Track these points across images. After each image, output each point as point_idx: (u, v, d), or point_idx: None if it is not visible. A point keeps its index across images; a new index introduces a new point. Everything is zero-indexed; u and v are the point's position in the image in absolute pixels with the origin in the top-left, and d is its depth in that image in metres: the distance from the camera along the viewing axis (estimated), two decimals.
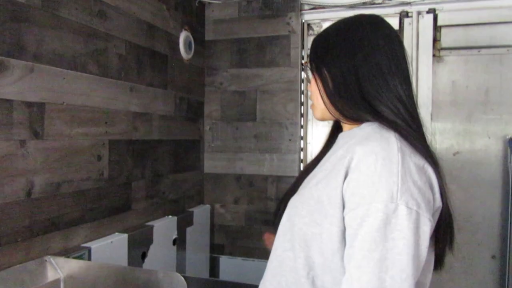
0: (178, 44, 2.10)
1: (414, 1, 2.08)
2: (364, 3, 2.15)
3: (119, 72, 1.66)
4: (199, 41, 2.32)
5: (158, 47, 1.93)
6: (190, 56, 2.20)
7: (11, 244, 1.22)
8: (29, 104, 1.27)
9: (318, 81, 0.92)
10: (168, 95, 2.03)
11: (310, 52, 0.95)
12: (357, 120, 0.90)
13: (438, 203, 0.81)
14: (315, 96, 0.95)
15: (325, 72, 0.90)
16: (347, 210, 0.78)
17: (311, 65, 0.94)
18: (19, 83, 1.23)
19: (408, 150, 0.79)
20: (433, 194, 0.80)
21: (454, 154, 2.06)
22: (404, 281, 0.71)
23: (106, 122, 1.60)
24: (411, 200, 0.74)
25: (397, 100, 0.85)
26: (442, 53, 2.07)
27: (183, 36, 2.13)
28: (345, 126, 0.97)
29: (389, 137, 0.81)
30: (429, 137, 0.89)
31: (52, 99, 1.35)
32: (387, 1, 2.13)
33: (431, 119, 2.08)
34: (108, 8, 1.59)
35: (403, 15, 2.11)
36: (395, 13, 2.12)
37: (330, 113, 0.93)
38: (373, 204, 0.74)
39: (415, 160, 0.79)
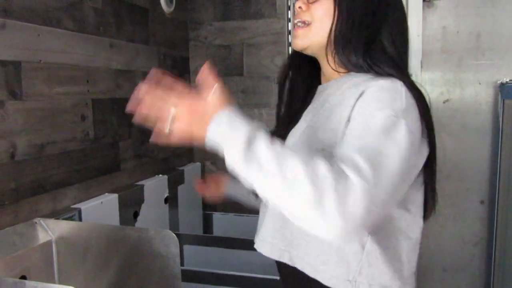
0: None
1: None
2: None
3: (96, 27, 1.59)
4: None
5: (137, 0, 1.84)
6: (171, 9, 2.10)
7: None
8: (4, 63, 1.21)
9: (336, 6, 0.85)
10: (151, 51, 1.96)
11: None
12: (351, 66, 0.86)
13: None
14: (320, 16, 0.87)
15: (344, 1, 0.85)
16: (352, 116, 0.78)
17: None
18: None
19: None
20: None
21: (444, 102, 2.04)
22: (390, 177, 0.69)
23: (87, 81, 1.54)
24: (411, 123, 0.75)
25: (404, 48, 0.90)
26: None
27: None
28: (326, 76, 0.93)
29: (392, 77, 0.82)
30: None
31: (28, 57, 1.29)
32: None
33: (421, 67, 2.04)
34: None
35: None
36: None
37: (328, 47, 0.87)
38: (378, 112, 0.75)
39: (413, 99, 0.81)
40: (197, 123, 0.70)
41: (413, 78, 0.89)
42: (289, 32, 2.21)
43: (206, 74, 0.73)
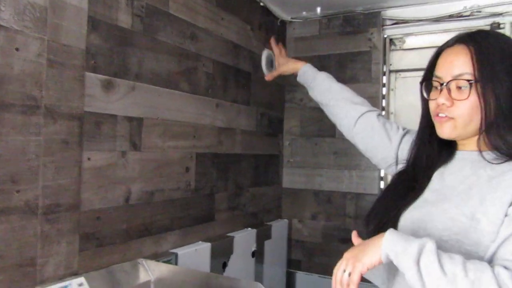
0: (260, 62, 2.18)
1: (507, 12, 1.97)
2: (450, 16, 2.08)
3: (206, 89, 1.77)
4: None
5: (242, 65, 2.03)
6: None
7: (111, 245, 1.35)
8: (130, 119, 1.40)
9: (481, 100, 0.87)
10: (251, 111, 2.11)
11: (475, 67, 0.88)
12: (509, 150, 0.88)
13: None
14: (467, 112, 0.89)
15: (490, 91, 0.87)
16: None
17: (475, 81, 0.88)
18: (123, 100, 1.37)
19: None
20: None
21: None
22: None
23: (194, 136, 1.71)
24: None
25: None
26: None
27: (265, 54, 2.20)
28: (464, 145, 0.95)
29: None
30: None
31: (149, 114, 1.48)
32: (476, 13, 2.04)
33: None
34: (199, 30, 1.71)
35: (494, 27, 2.00)
36: (486, 25, 2.02)
37: (486, 137, 0.90)
38: None
39: None
40: (361, 247, 0.86)
41: None
42: (383, 97, 2.25)
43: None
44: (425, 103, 1.00)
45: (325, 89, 1.37)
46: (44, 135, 1.13)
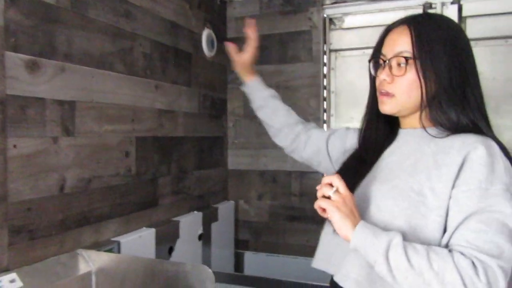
0: (200, 42, 2.13)
1: None
2: None
3: (144, 70, 1.70)
4: (221, 38, 2.34)
5: (182, 45, 1.96)
6: (212, 53, 2.22)
7: (46, 237, 1.27)
8: (61, 102, 1.31)
9: (420, 76, 0.91)
10: (192, 92, 2.06)
11: (414, 45, 0.92)
12: (449, 124, 0.92)
13: None
14: (405, 89, 0.93)
15: (429, 68, 0.91)
16: (460, 189, 0.84)
17: (413, 58, 0.92)
18: (51, 82, 1.27)
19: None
20: None
21: None
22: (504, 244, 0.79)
23: (133, 120, 1.64)
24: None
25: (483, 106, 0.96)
26: None
27: (205, 34, 2.15)
28: (407, 123, 0.99)
29: (486, 136, 0.90)
30: None
31: (82, 97, 1.40)
32: None
33: None
34: (134, 8, 1.63)
35: (427, 7, 2.08)
36: (419, 5, 2.09)
37: (419, 109, 0.94)
38: (492, 188, 0.82)
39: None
40: (347, 211, 0.86)
41: None
42: (324, 76, 2.28)
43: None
44: (373, 81, 1.03)
45: (271, 112, 1.47)
46: None
